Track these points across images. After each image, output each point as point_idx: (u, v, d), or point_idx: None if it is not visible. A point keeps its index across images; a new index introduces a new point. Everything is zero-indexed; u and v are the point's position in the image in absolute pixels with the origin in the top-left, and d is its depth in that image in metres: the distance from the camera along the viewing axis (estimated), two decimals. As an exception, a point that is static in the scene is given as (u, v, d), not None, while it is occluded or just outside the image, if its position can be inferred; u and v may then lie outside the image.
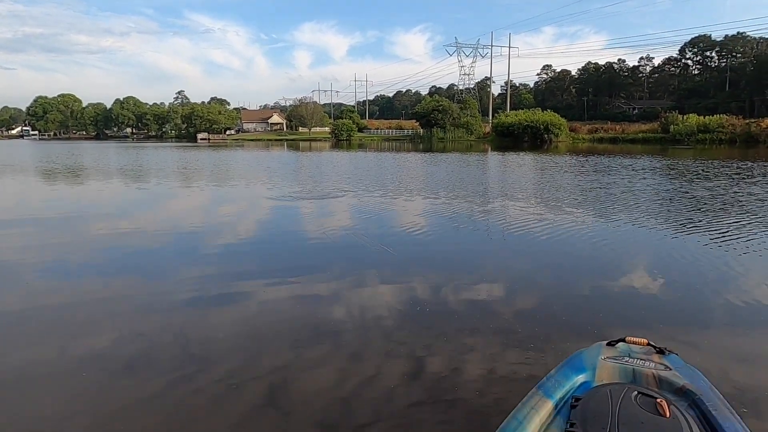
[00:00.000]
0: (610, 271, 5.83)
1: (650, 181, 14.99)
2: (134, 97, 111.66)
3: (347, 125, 70.84)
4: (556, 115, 53.58)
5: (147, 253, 6.87)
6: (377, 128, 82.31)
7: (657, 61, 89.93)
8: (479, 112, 70.19)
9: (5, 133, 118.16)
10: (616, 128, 54.61)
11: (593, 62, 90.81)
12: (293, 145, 58.07)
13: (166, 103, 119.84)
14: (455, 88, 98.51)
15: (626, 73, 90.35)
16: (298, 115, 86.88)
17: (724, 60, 75.69)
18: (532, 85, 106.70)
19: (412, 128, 72.90)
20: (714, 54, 77.64)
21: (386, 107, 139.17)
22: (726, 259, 6.19)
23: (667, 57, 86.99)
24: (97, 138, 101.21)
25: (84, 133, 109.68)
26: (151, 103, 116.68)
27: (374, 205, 11.00)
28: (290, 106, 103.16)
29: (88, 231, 8.50)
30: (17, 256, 6.70)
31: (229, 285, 5.33)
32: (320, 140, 70.01)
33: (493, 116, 71.41)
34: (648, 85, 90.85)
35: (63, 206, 11.77)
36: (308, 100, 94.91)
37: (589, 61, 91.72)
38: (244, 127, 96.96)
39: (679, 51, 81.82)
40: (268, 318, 4.45)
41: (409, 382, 3.25)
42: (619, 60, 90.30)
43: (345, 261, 6.40)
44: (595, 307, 4.63)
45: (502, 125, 54.85)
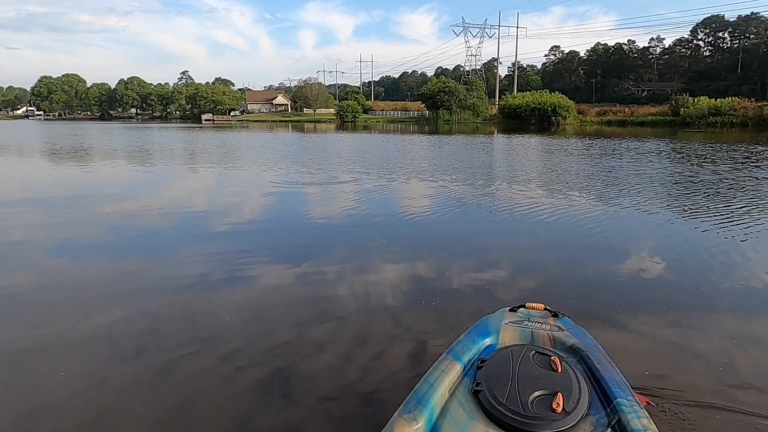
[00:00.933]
0: (616, 254, 5.81)
1: (678, 168, 14.83)
2: (138, 78, 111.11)
3: (352, 107, 70.26)
4: (563, 97, 52.91)
5: (153, 234, 6.91)
6: (383, 110, 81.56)
7: (668, 42, 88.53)
8: (486, 93, 69.34)
9: (10, 113, 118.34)
10: (625, 111, 53.56)
11: (602, 43, 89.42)
12: (298, 126, 57.74)
13: (171, 84, 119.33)
14: (462, 69, 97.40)
15: (636, 55, 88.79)
16: (302, 96, 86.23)
17: (737, 41, 74.05)
18: (539, 67, 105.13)
19: (418, 110, 72.03)
20: (726, 35, 75.95)
21: (392, 88, 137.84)
22: (725, 246, 6.15)
23: (678, 38, 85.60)
24: (101, 119, 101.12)
25: (89, 113, 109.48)
26: (155, 84, 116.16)
27: (378, 189, 11.00)
28: (295, 87, 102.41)
29: (95, 211, 8.55)
30: (25, 236, 6.76)
31: (236, 266, 5.36)
32: (325, 122, 69.54)
33: (500, 98, 70.65)
34: (658, 66, 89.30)
35: (70, 186, 11.83)
36: (313, 81, 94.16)
37: (598, 42, 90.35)
38: (249, 108, 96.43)
39: (690, 32, 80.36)
40: (274, 298, 4.48)
41: (413, 365, 3.27)
42: (628, 41, 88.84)
43: (350, 243, 6.40)
44: (598, 291, 4.63)
45: (509, 107, 54.27)
